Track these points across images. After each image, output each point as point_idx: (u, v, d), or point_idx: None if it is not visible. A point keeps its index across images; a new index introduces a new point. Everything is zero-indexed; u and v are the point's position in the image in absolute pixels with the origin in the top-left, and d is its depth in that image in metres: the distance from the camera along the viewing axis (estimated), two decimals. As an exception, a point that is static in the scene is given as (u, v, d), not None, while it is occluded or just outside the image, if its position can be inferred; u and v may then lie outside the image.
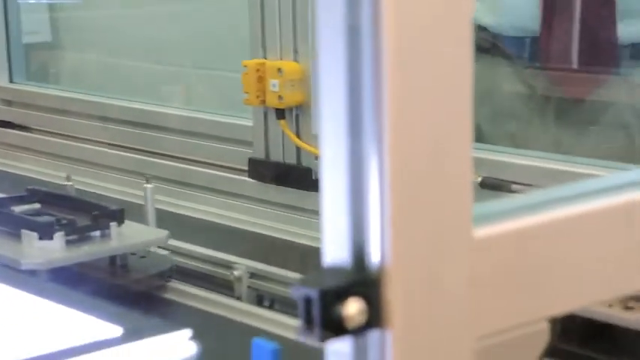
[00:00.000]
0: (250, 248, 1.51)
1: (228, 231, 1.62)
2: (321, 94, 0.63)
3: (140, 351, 0.68)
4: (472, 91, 0.65)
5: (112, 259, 1.37)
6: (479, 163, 1.43)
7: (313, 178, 1.62)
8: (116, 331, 0.69)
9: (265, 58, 1.66)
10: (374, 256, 0.62)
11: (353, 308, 0.61)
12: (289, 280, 1.37)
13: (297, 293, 0.61)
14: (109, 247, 1.35)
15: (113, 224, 1.37)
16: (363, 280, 0.62)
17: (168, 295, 1.35)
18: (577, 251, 0.68)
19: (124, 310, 0.71)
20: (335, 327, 0.61)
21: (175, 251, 1.45)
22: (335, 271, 0.63)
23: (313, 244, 1.53)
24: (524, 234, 0.66)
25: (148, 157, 1.84)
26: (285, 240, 1.57)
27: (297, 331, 0.62)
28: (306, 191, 1.63)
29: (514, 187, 1.41)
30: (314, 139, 1.62)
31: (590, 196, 0.70)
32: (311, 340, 0.61)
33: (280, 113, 1.64)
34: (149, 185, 1.42)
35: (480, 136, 1.68)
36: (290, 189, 1.65)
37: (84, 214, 1.38)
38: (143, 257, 1.40)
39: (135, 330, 0.69)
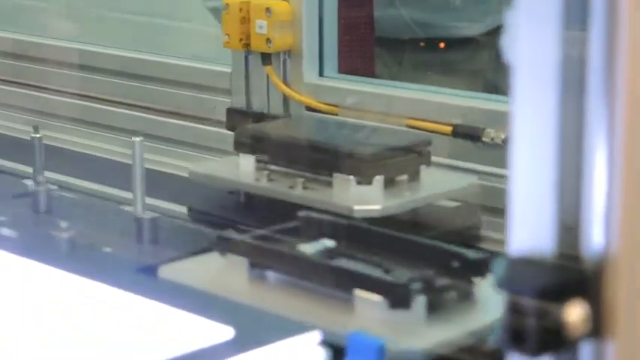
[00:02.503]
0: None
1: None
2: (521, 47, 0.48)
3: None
4: None
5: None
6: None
7: (304, 130, 1.47)
8: (227, 333, 0.54)
9: (247, -3, 1.49)
10: (595, 243, 0.48)
11: (576, 313, 0.47)
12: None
13: (501, 289, 0.46)
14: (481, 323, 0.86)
15: (477, 279, 0.91)
16: (581, 276, 0.47)
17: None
18: None
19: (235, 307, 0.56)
20: (553, 338, 0.46)
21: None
22: (539, 263, 0.49)
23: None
24: None
25: (110, 106, 1.65)
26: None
27: (499, 340, 0.47)
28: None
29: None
30: (304, 88, 1.46)
31: None
32: (519, 354, 0.47)
33: (267, 58, 1.48)
34: (137, 138, 1.24)
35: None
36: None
37: (425, 263, 0.90)
38: None
39: (249, 332, 0.53)
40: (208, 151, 1.55)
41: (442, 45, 1.67)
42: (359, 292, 0.85)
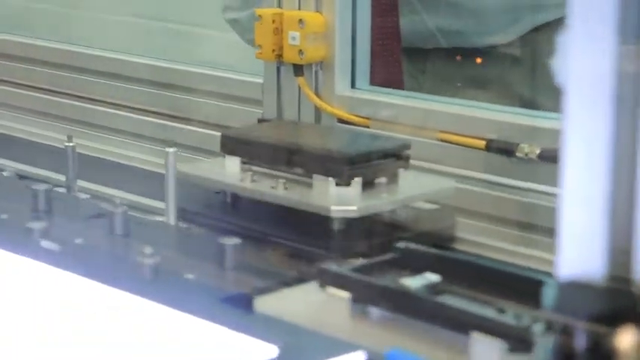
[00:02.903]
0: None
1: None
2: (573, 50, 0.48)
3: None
4: None
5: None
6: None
7: (335, 141, 1.46)
8: (271, 351, 0.54)
9: (280, 7, 1.49)
10: (648, 268, 0.47)
11: (627, 339, 0.46)
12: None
13: (548, 319, 0.45)
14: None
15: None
16: (634, 300, 0.47)
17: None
18: None
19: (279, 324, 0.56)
20: (604, 365, 0.46)
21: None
22: (590, 287, 0.48)
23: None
24: None
25: (140, 115, 1.66)
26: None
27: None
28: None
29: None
30: (336, 99, 1.46)
31: None
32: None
33: (299, 70, 1.48)
34: (171, 149, 1.24)
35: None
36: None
37: (537, 300, 0.73)
38: None
39: (293, 351, 0.53)
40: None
41: (479, 61, 1.66)
42: (475, 334, 0.78)
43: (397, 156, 1.25)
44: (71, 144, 1.32)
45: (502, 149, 1.28)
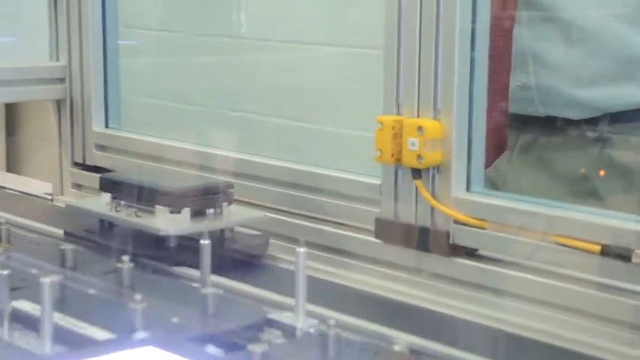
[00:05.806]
0: (393, 319, 1.41)
1: (362, 297, 1.53)
2: None
3: None
4: None
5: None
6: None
7: (450, 242, 1.53)
8: None
9: (399, 114, 1.57)
10: None
11: None
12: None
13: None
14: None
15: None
16: None
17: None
18: None
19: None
20: None
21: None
22: None
23: (459, 315, 1.45)
24: None
25: (265, 211, 1.75)
26: (428, 309, 1.48)
27: None
28: (442, 256, 1.53)
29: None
30: (452, 202, 1.53)
31: None
32: None
33: (417, 173, 1.55)
34: (302, 249, 1.31)
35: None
36: (423, 252, 1.56)
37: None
38: None
39: None
40: (352, 257, 1.63)
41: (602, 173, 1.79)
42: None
43: (223, 193, 1.69)
44: (206, 242, 1.40)
45: (618, 254, 1.33)
